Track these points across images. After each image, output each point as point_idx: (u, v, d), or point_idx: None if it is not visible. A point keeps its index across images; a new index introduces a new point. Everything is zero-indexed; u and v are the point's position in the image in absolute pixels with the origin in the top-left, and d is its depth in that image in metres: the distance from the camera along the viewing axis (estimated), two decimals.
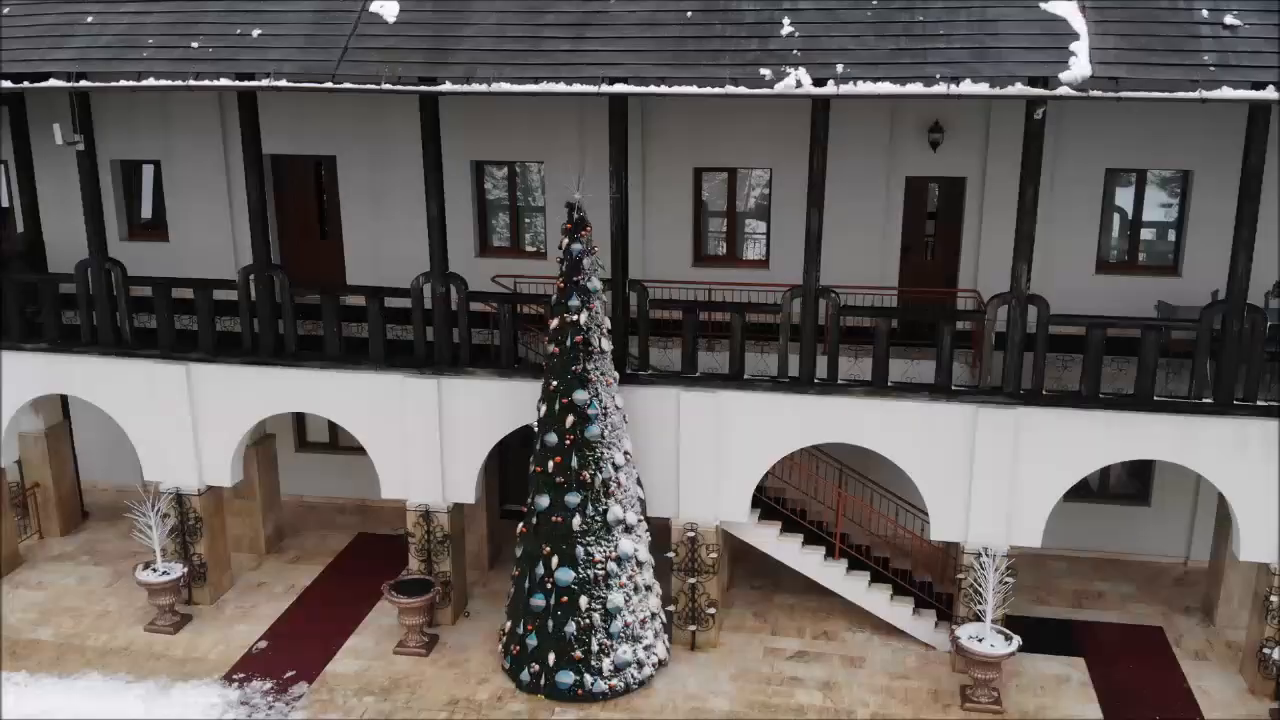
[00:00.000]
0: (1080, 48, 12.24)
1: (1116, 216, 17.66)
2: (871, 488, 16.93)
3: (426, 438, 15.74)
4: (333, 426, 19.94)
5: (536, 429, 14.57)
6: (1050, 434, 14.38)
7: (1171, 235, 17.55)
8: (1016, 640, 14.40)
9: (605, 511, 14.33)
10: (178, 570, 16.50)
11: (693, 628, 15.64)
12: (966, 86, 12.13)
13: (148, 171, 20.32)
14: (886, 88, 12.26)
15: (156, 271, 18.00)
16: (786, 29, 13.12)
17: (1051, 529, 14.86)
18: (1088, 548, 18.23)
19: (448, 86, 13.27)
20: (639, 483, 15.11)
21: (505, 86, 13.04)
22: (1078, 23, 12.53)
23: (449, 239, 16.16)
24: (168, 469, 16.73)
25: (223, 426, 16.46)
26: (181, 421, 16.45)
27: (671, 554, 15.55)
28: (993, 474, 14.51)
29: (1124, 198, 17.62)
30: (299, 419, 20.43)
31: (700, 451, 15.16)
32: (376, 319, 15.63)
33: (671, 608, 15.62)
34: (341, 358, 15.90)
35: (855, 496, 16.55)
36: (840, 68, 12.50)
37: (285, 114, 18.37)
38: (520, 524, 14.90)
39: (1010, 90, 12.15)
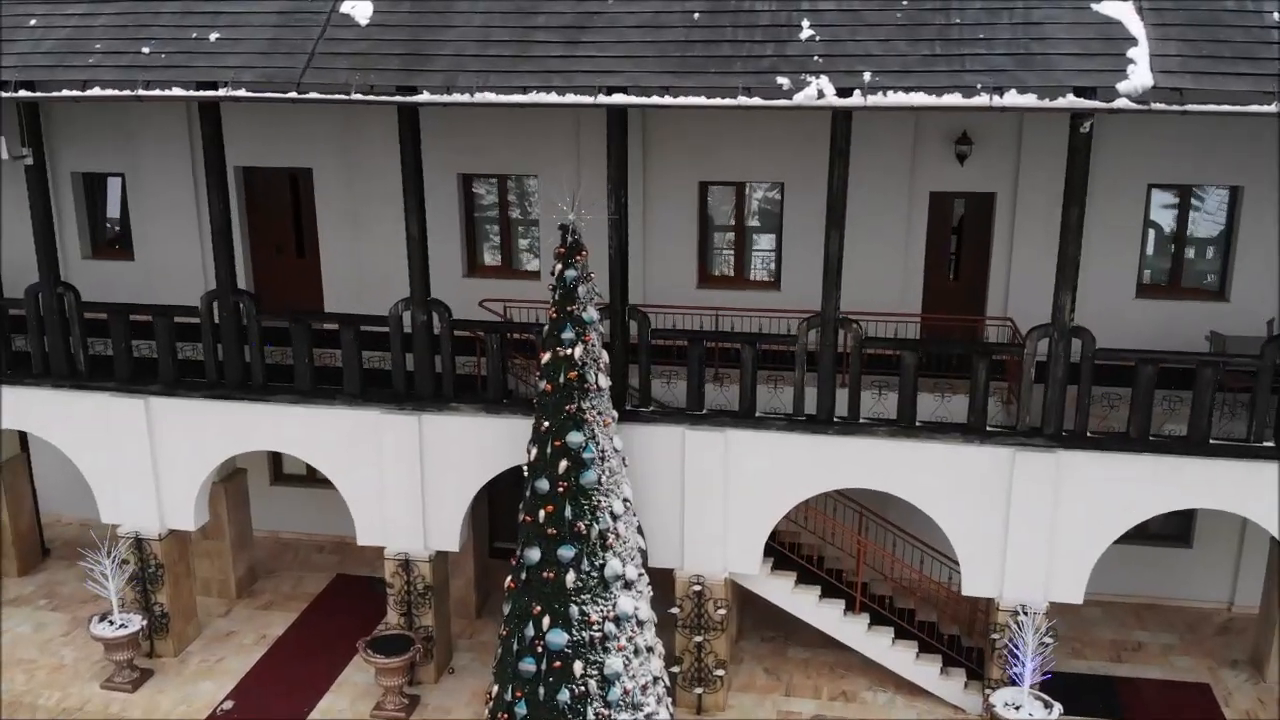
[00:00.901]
0: (1139, 54, 10.84)
1: (1154, 234, 16.27)
2: (894, 532, 15.54)
3: (406, 479, 14.35)
4: None
5: (526, 473, 13.16)
6: (1095, 480, 13.01)
7: (1218, 256, 16.16)
8: (1058, 709, 13.02)
9: (602, 566, 12.89)
10: (136, 623, 15.09)
11: (699, 690, 14.25)
12: (1011, 98, 10.73)
13: (113, 185, 18.94)
14: (920, 99, 10.86)
15: (122, 292, 16.78)
16: (806, 32, 11.72)
17: None
18: (1125, 592, 16.84)
19: (425, 97, 11.87)
20: (640, 531, 13.70)
21: (490, 97, 11.65)
22: (1134, 26, 11.14)
23: (434, 258, 14.74)
24: (126, 511, 15.34)
25: (185, 465, 15.07)
26: (140, 459, 15.06)
27: (675, 609, 14.15)
28: (1031, 524, 13.13)
29: (1166, 216, 16.23)
30: (273, 452, 18.99)
31: (707, 497, 13.78)
32: (351, 349, 14.24)
33: (675, 669, 14.23)
34: (313, 391, 14.51)
35: (877, 544, 15.14)
36: (868, 76, 11.10)
37: (257, 122, 17.02)
38: (509, 578, 13.47)
39: (1060, 103, 10.75)
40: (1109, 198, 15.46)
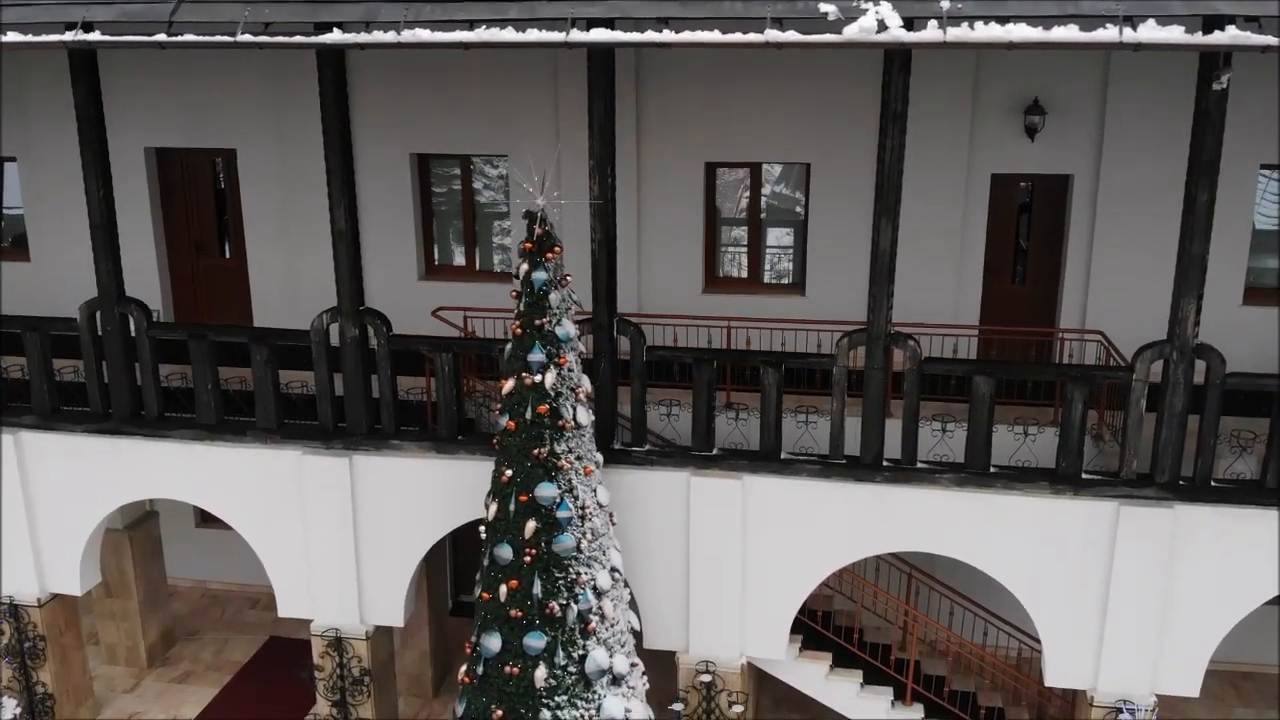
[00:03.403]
0: None
1: (1258, 222, 13.29)
2: (948, 596, 12.56)
3: (335, 537, 11.36)
4: None
5: (484, 536, 10.16)
6: (1220, 542, 10.02)
7: None
8: None
9: (583, 658, 9.89)
10: (9, 709, 12.12)
11: None
12: (1149, 32, 7.70)
13: (10, 171, 15.92)
14: (1023, 33, 7.81)
15: (15, 299, 13.85)
16: None
17: None
18: (1216, 658, 13.76)
19: (337, 37, 8.83)
20: (633, 607, 10.70)
21: (423, 35, 8.59)
22: None
23: (385, 258, 11.86)
24: None
25: (67, 515, 12.06)
26: (11, 509, 12.05)
27: (678, 705, 11.14)
28: (1138, 597, 10.15)
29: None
30: None
31: (719, 562, 10.78)
32: (264, 371, 11.24)
33: None
34: (219, 425, 11.50)
35: (930, 617, 12.11)
36: (945, 2, 8.07)
37: (171, 91, 14.05)
38: (463, 670, 10.46)
39: (1219, 38, 7.72)
40: None
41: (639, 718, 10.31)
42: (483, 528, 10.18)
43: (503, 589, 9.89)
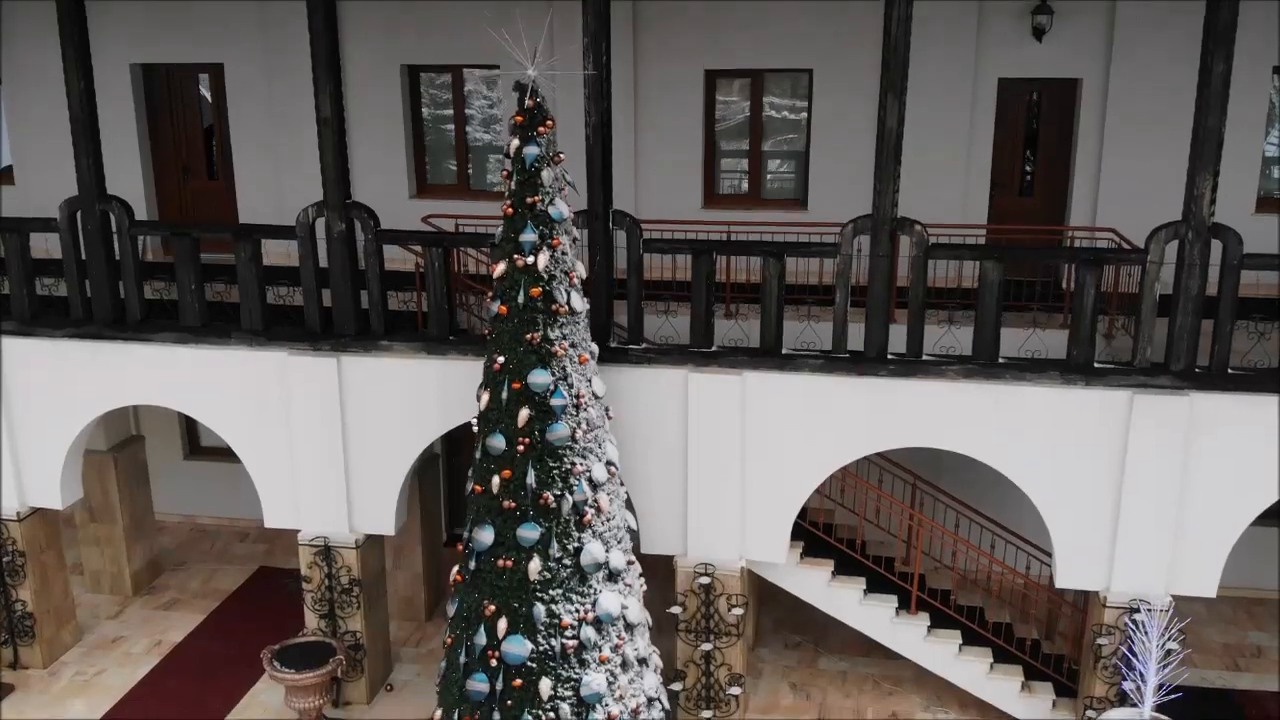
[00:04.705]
0: None
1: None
2: (955, 509, 12.23)
3: (323, 441, 11.01)
4: None
5: (476, 427, 9.82)
6: (1238, 432, 9.68)
7: None
8: None
9: (578, 551, 9.56)
10: None
11: (707, 714, 10.89)
12: None
13: None
14: None
15: None
16: None
17: None
18: (1227, 584, 13.36)
19: None
20: (629, 507, 10.37)
21: None
22: None
23: (375, 174, 11.46)
24: None
25: (47, 424, 11.71)
26: None
27: (677, 608, 10.80)
28: (1153, 491, 9.81)
29: None
30: (187, 418, 15.61)
31: (718, 461, 10.44)
32: (249, 270, 10.88)
33: (678, 686, 10.89)
34: (203, 327, 11.16)
35: (936, 523, 11.77)
36: None
37: (156, 3, 13.69)
38: (455, 569, 10.13)
39: None
40: None
41: (636, 617, 9.99)
42: (474, 419, 9.86)
43: (495, 480, 9.56)
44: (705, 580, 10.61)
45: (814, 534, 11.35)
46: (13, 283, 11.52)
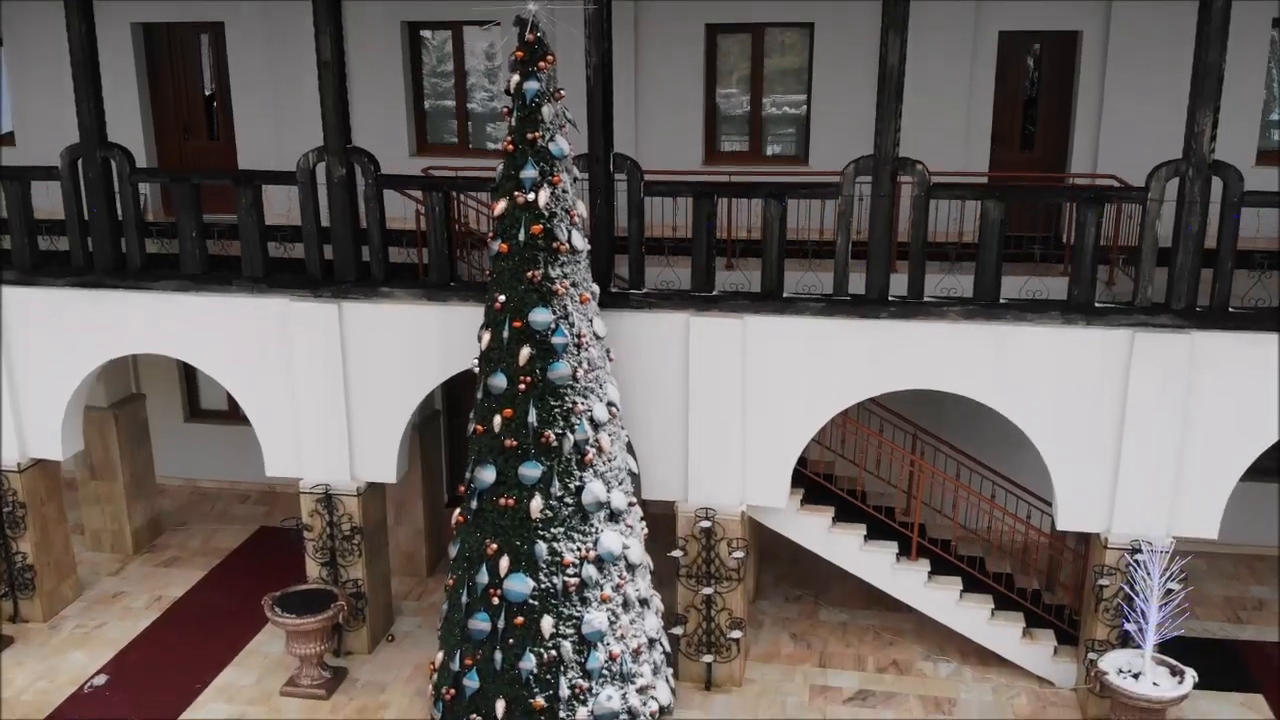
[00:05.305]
0: None
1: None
2: (956, 459, 12.24)
3: (324, 388, 11.00)
4: None
5: (477, 368, 9.83)
6: (1238, 370, 9.69)
7: None
8: (1190, 675, 9.72)
9: (579, 490, 9.58)
10: None
11: (708, 658, 10.90)
12: None
13: None
14: None
15: None
16: None
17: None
18: (1229, 540, 13.32)
19: None
20: (630, 450, 10.39)
21: None
22: None
23: (375, 132, 11.42)
24: None
25: (48, 373, 11.71)
26: None
27: (678, 552, 10.80)
28: (1154, 430, 9.80)
29: None
30: (188, 379, 15.66)
31: (720, 406, 10.43)
32: (250, 216, 10.88)
33: (678, 630, 10.90)
34: (204, 275, 11.16)
35: (937, 469, 11.78)
36: None
37: None
38: (457, 511, 10.13)
39: None
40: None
41: (638, 558, 10.01)
42: (476, 359, 9.87)
43: (497, 419, 9.57)
44: (706, 524, 10.61)
45: (815, 481, 11.35)
46: (14, 232, 11.51)
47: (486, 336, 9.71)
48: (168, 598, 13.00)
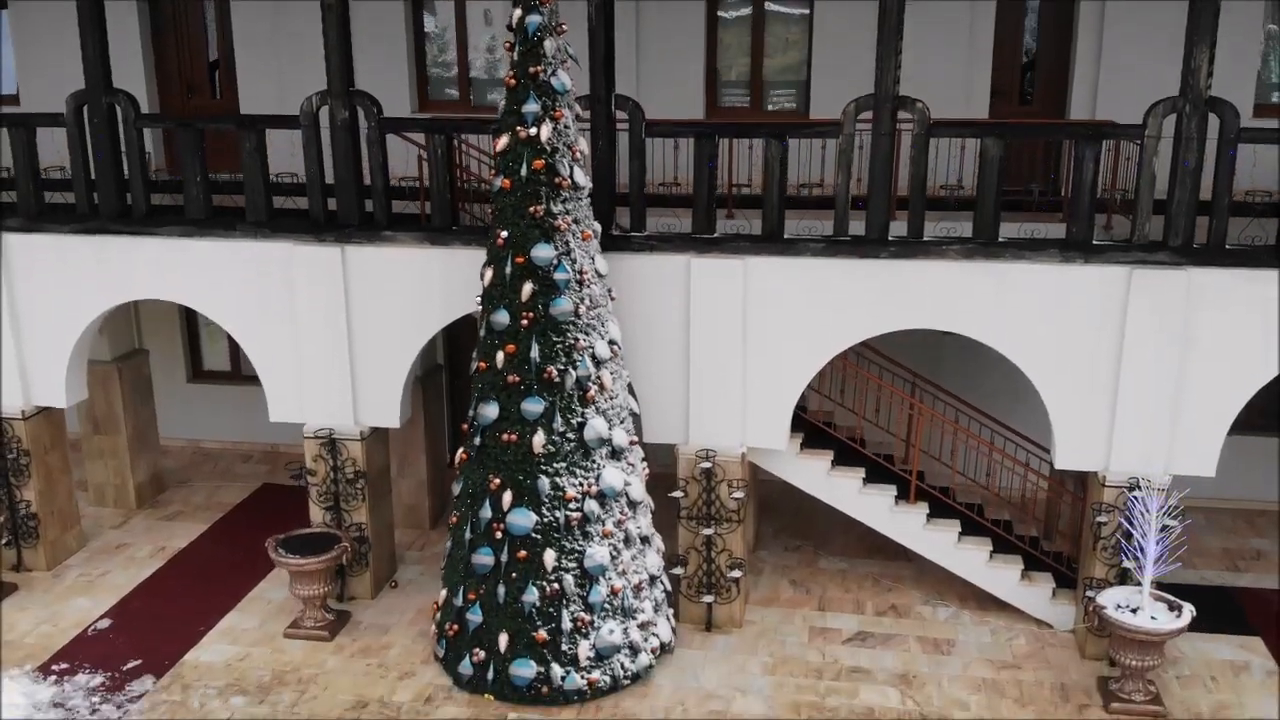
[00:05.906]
0: None
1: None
2: (954, 406, 12.31)
3: (327, 332, 11.07)
4: (235, 351, 15.29)
5: (480, 306, 9.91)
6: (1235, 307, 9.76)
7: None
8: (1188, 610, 9.78)
9: (581, 425, 9.67)
10: None
11: (709, 599, 10.97)
12: None
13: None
14: None
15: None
16: None
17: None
18: (1228, 495, 13.45)
19: None
20: (631, 391, 10.47)
21: None
22: None
23: (376, 89, 11.37)
24: None
25: (52, 321, 11.76)
26: None
27: (679, 493, 10.87)
28: (1151, 368, 9.88)
29: None
30: (190, 340, 15.72)
31: (720, 348, 10.50)
32: (253, 160, 10.94)
33: (679, 570, 10.98)
34: (208, 220, 11.22)
35: (936, 411, 11.84)
36: None
37: None
38: (460, 450, 10.22)
39: None
40: None
41: (639, 495, 10.09)
42: (478, 297, 9.94)
43: (499, 356, 9.66)
44: (706, 465, 10.67)
45: (814, 426, 11.43)
46: (19, 179, 11.57)
47: (489, 273, 9.79)
48: (171, 548, 13.06)
